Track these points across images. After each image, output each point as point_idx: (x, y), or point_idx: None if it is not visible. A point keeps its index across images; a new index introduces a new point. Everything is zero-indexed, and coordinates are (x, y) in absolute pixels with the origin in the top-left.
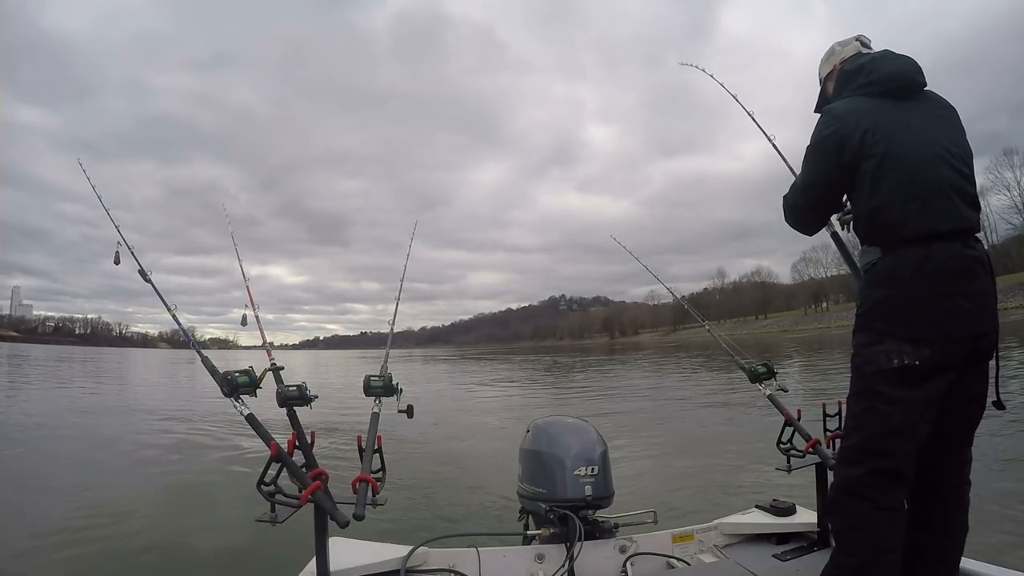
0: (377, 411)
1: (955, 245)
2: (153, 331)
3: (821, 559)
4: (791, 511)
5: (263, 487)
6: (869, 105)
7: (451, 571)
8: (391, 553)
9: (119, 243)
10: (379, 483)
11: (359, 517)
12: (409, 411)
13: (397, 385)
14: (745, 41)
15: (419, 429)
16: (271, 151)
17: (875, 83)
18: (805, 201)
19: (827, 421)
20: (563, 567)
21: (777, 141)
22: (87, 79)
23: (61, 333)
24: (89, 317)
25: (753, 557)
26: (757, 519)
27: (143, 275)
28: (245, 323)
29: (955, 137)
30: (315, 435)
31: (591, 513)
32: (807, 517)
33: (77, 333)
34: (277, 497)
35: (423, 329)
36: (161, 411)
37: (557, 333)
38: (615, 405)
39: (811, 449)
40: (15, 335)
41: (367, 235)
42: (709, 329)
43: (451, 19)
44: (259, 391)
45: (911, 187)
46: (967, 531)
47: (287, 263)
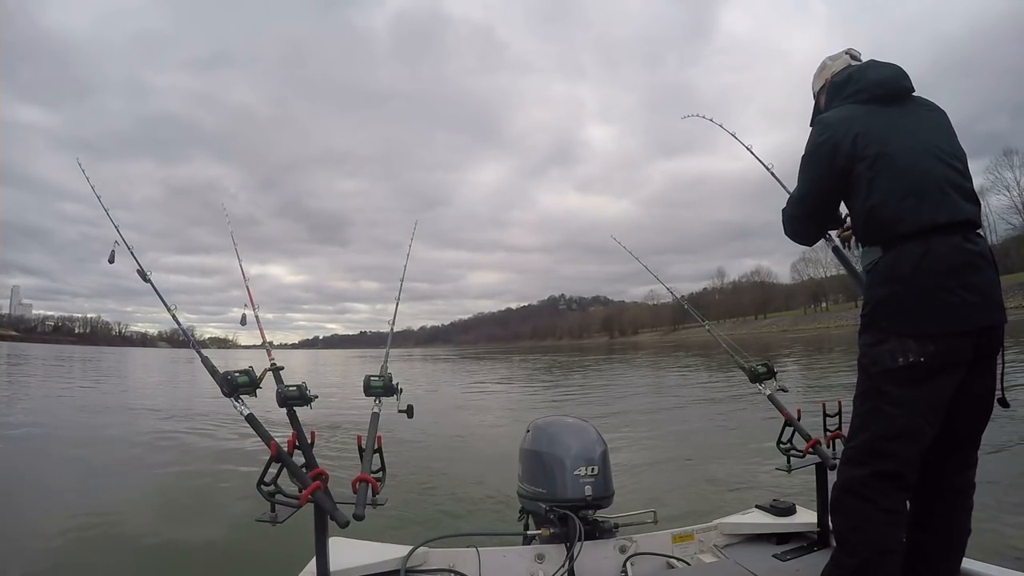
0: (377, 411)
1: (955, 238)
2: (153, 330)
3: (821, 559)
4: (791, 511)
5: (263, 487)
6: (859, 111)
7: (451, 571)
8: (391, 553)
9: (116, 242)
10: (379, 483)
11: (359, 517)
12: (409, 411)
13: (397, 385)
14: (745, 41)
15: (419, 429)
16: (271, 151)
17: (863, 90)
18: (802, 210)
19: (827, 421)
20: (563, 567)
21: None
22: (87, 78)
23: (60, 332)
24: (88, 316)
25: (753, 557)
26: (757, 519)
27: (142, 275)
28: (244, 323)
29: (946, 136)
30: (315, 435)
31: (591, 513)
32: (807, 517)
33: (76, 332)
34: (277, 497)
35: (422, 328)
36: (161, 411)
37: (556, 333)
38: (615, 405)
39: (811, 449)
40: (14, 334)
41: (366, 235)
42: (709, 329)
43: (451, 19)
44: (259, 391)
45: (905, 184)
46: (969, 533)
47: (286, 262)
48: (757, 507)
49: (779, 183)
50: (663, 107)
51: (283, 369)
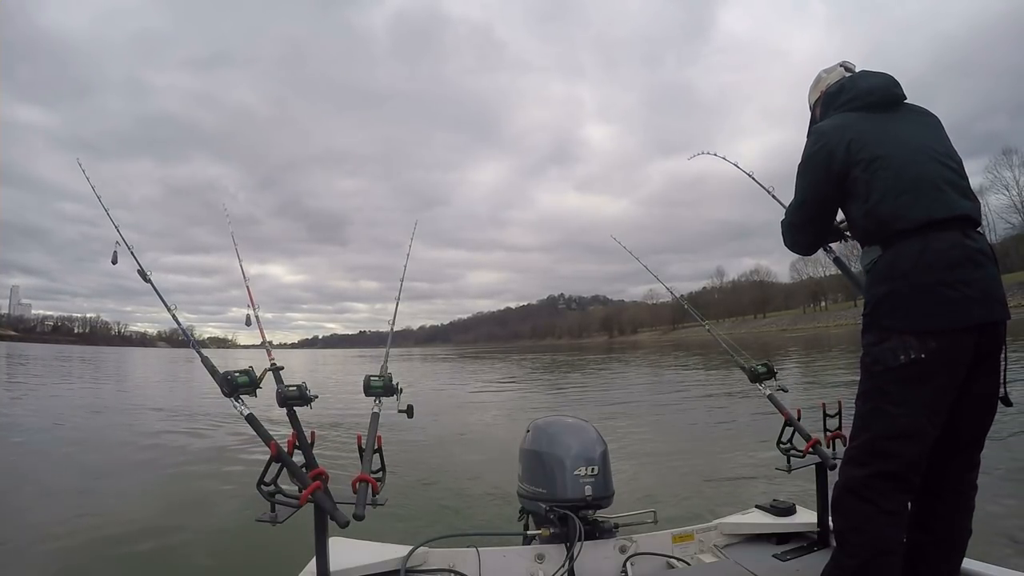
0: (377, 411)
1: (954, 234)
2: (152, 330)
3: (821, 559)
4: (791, 511)
5: (263, 487)
6: (852, 119)
7: (451, 571)
8: (391, 553)
9: (117, 242)
10: (379, 483)
11: (359, 517)
12: (409, 411)
13: (397, 385)
14: (744, 41)
15: (419, 429)
16: (270, 150)
17: (856, 98)
18: (801, 217)
19: (827, 421)
20: (563, 567)
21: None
22: (86, 78)
23: (60, 332)
24: (88, 316)
25: (753, 557)
26: (757, 519)
27: (142, 275)
28: (249, 323)
29: (939, 139)
30: (315, 435)
31: (591, 513)
32: (807, 517)
33: (76, 332)
34: (277, 497)
35: (422, 328)
36: (160, 410)
37: (556, 332)
38: (614, 404)
39: (811, 449)
40: (14, 334)
41: (366, 234)
42: (709, 329)
43: (449, 18)
44: (259, 391)
45: (901, 183)
46: (970, 535)
47: (286, 262)
48: (757, 507)
49: (780, 204)
50: (662, 106)
51: (283, 369)
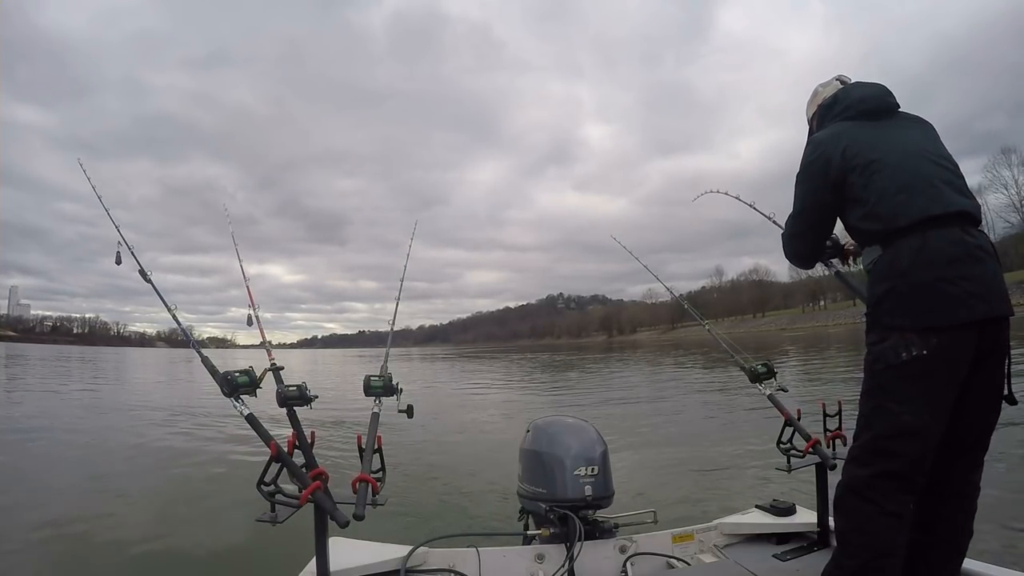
0: (377, 411)
1: (953, 230)
2: (151, 330)
3: (821, 559)
4: (791, 511)
5: (263, 487)
6: (846, 127)
7: (451, 571)
8: (391, 553)
9: (119, 243)
10: (379, 483)
11: (359, 517)
12: (409, 411)
13: (397, 385)
14: (742, 40)
15: (419, 429)
16: (269, 150)
17: (849, 107)
18: (799, 226)
19: (827, 421)
20: (563, 567)
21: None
22: (84, 78)
23: (59, 332)
24: (87, 316)
25: (753, 557)
26: (757, 519)
27: (143, 275)
28: (251, 323)
29: (934, 142)
30: (315, 435)
31: (591, 513)
32: (807, 517)
33: (75, 332)
34: (277, 497)
35: (421, 328)
36: (160, 411)
37: (555, 332)
38: (614, 404)
39: (811, 449)
40: (13, 335)
41: (365, 234)
42: (709, 329)
43: (448, 18)
44: (259, 391)
45: (897, 182)
46: (971, 536)
47: (285, 262)
48: (757, 507)
49: (780, 228)
50: (661, 106)
51: (283, 369)
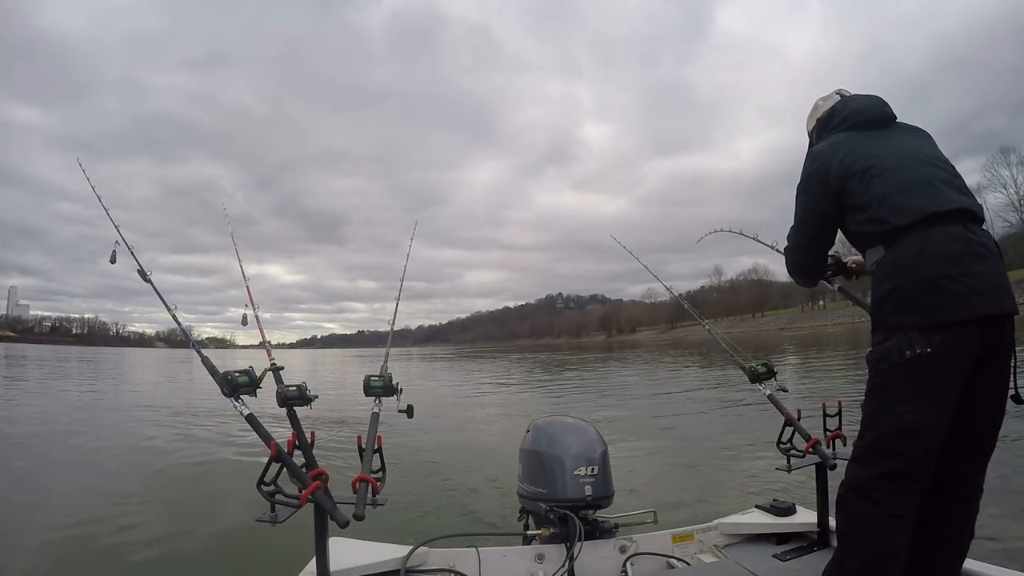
0: (377, 411)
1: (955, 228)
2: (150, 330)
3: (821, 559)
4: (791, 511)
5: (263, 487)
6: (844, 137)
7: (451, 571)
8: (391, 553)
9: (117, 242)
10: (379, 483)
11: (359, 517)
12: (409, 411)
13: (397, 385)
14: (741, 39)
15: (419, 429)
16: (268, 150)
17: (846, 119)
18: (801, 237)
19: (827, 421)
20: (563, 567)
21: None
22: (83, 78)
23: (58, 333)
24: (86, 317)
25: (753, 557)
26: (757, 519)
27: (143, 275)
28: (246, 323)
29: (931, 147)
30: (315, 435)
31: (591, 513)
32: (807, 517)
33: (74, 333)
34: (277, 497)
35: (420, 328)
36: (160, 410)
37: (554, 331)
38: (614, 404)
39: (811, 449)
40: (12, 335)
41: (364, 234)
42: (709, 329)
43: (446, 18)
44: (259, 391)
45: (897, 184)
46: (972, 537)
47: (284, 262)
48: (757, 507)
49: (776, 249)
50: (660, 105)
51: (283, 369)
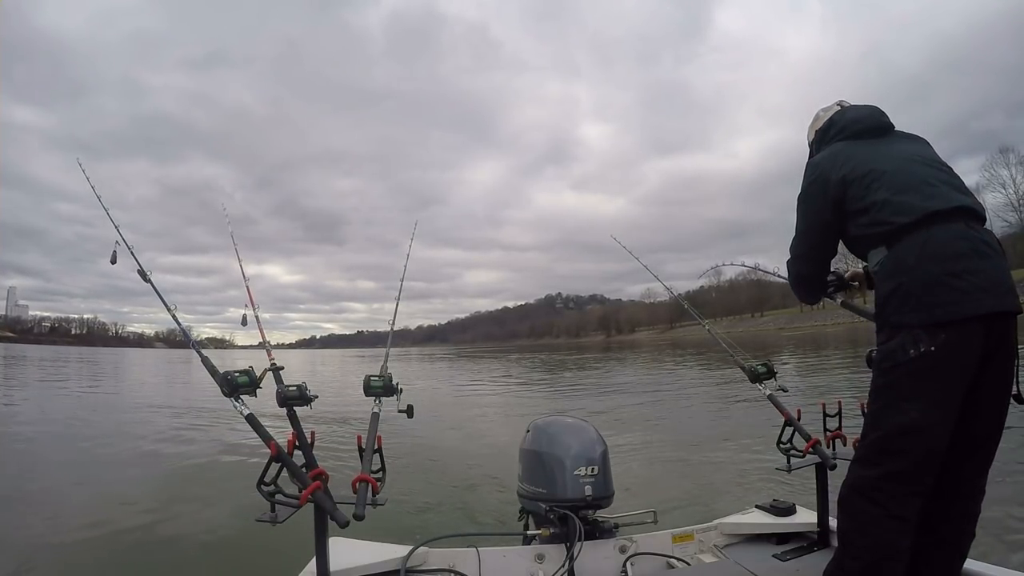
0: (377, 411)
1: (957, 225)
2: (149, 331)
3: (821, 559)
4: (791, 511)
5: (263, 487)
6: (842, 147)
7: (451, 571)
8: (391, 553)
9: (117, 242)
10: (379, 483)
11: (359, 517)
12: (409, 411)
13: (397, 385)
14: (740, 39)
15: (419, 429)
16: (266, 150)
17: (844, 129)
18: (802, 247)
19: (827, 421)
20: (563, 567)
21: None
22: (82, 78)
23: (57, 333)
24: (85, 317)
25: (753, 557)
26: (757, 519)
27: (143, 275)
28: (246, 323)
29: (929, 151)
30: (315, 435)
31: (591, 513)
32: (807, 517)
33: (73, 333)
34: (277, 497)
35: (420, 328)
36: (160, 411)
37: (554, 331)
38: (613, 404)
39: (811, 449)
40: (11, 335)
41: (362, 234)
42: (709, 329)
43: (445, 18)
44: (259, 391)
45: (897, 185)
46: (973, 538)
47: (283, 262)
48: (757, 507)
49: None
50: (658, 105)
51: (283, 369)
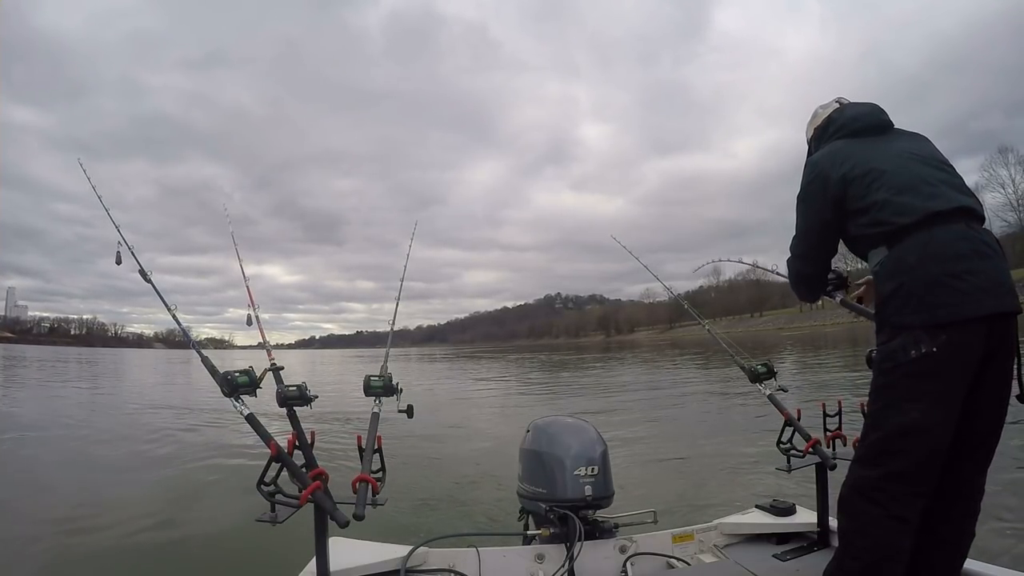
0: (377, 411)
1: (958, 226)
2: (149, 331)
3: (821, 559)
4: (791, 511)
5: (263, 487)
6: (841, 145)
7: (451, 571)
8: (391, 553)
9: (120, 243)
10: (379, 483)
11: (359, 517)
12: (409, 411)
13: (397, 385)
14: (739, 39)
15: (419, 429)
16: (266, 150)
17: (844, 127)
18: (802, 247)
19: (827, 421)
20: (563, 567)
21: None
22: (81, 78)
23: (56, 334)
24: (84, 318)
25: (753, 557)
26: (757, 519)
27: (143, 275)
28: (250, 323)
29: (930, 149)
30: (315, 435)
31: (591, 513)
32: (807, 517)
33: (72, 334)
34: (277, 497)
35: (419, 328)
36: (160, 411)
37: (553, 331)
38: (613, 404)
39: (811, 449)
40: (10, 336)
41: (362, 234)
42: (709, 329)
43: (444, 18)
44: (259, 391)
45: (898, 184)
46: (973, 538)
47: (282, 262)
48: (757, 507)
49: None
50: (657, 105)
51: (283, 369)
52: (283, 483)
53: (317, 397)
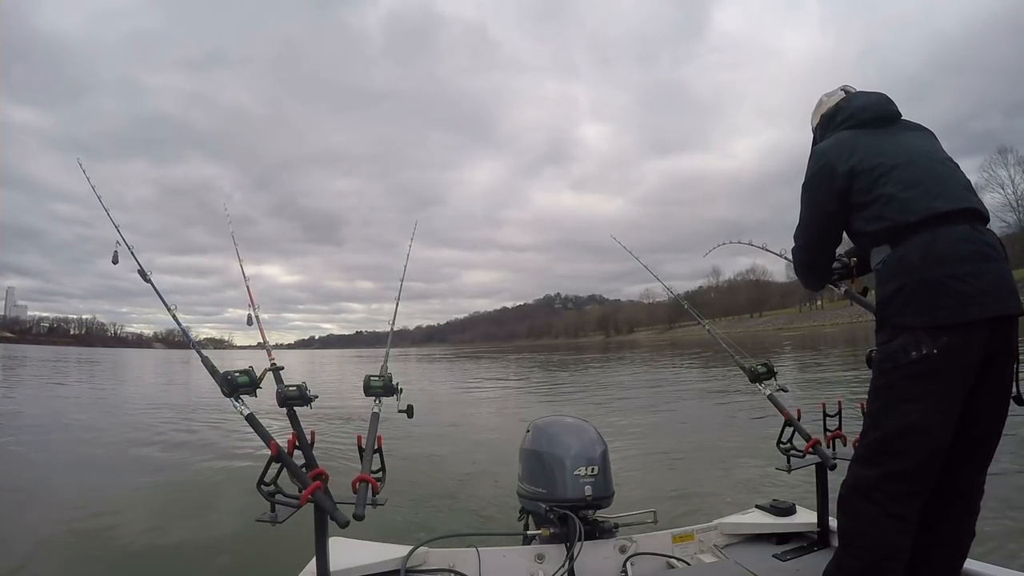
0: (377, 411)
1: (962, 227)
2: (148, 331)
3: (821, 559)
4: (791, 511)
5: (263, 487)
6: (848, 135)
7: (451, 571)
8: (391, 553)
9: (118, 243)
10: (379, 483)
11: (359, 517)
12: (409, 411)
13: (397, 385)
14: (738, 39)
15: (419, 429)
16: (265, 150)
17: (851, 117)
18: (806, 237)
19: (827, 421)
20: (563, 567)
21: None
22: (80, 78)
23: (56, 334)
24: (84, 317)
25: (753, 557)
26: (757, 519)
27: (143, 275)
28: (251, 323)
29: (936, 146)
30: (315, 435)
31: (591, 513)
32: (807, 517)
33: (72, 334)
34: (277, 497)
35: (418, 328)
36: (160, 411)
37: (553, 332)
38: (613, 404)
39: (811, 449)
40: (10, 336)
41: (361, 234)
42: (708, 329)
43: (443, 18)
44: (259, 391)
45: (904, 182)
46: (973, 538)
47: (281, 262)
48: (757, 507)
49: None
50: (657, 105)
51: (283, 369)
52: (283, 483)
53: (317, 397)
